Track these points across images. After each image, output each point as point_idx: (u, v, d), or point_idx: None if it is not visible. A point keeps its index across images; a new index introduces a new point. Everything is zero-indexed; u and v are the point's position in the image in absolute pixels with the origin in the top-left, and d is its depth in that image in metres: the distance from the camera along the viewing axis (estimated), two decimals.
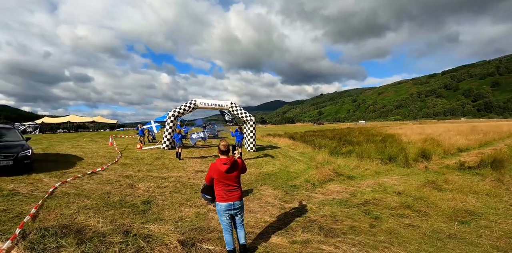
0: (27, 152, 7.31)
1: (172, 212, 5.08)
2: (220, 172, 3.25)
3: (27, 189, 5.88)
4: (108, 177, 7.46)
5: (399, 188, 7.94)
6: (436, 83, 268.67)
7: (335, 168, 10.92)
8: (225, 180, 3.30)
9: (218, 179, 3.30)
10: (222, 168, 3.23)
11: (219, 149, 3.36)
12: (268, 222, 4.89)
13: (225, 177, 3.28)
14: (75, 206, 4.97)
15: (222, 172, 3.24)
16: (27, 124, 38.86)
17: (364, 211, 5.83)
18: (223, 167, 3.23)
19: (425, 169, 11.60)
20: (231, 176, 3.32)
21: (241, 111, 15.22)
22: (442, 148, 16.33)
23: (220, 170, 3.24)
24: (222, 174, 3.26)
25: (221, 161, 3.28)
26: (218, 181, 3.31)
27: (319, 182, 8.65)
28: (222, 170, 3.23)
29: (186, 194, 6.31)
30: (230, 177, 3.31)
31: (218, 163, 3.28)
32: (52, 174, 7.40)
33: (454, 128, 36.03)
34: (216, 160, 3.34)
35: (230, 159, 3.31)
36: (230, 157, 3.37)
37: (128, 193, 6.07)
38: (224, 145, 3.34)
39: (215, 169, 3.28)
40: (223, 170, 3.23)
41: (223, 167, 3.23)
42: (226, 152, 3.36)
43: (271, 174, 9.42)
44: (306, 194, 7.19)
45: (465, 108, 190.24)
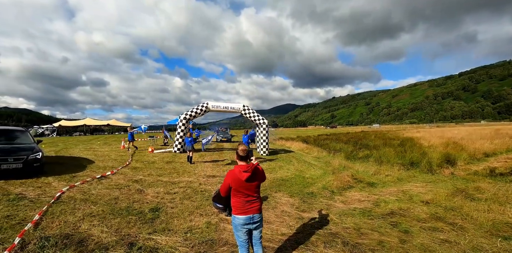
0: (37, 155, 7.19)
1: (181, 221, 4.72)
2: (239, 181, 2.85)
3: (34, 193, 5.69)
4: (117, 181, 7.23)
5: (427, 197, 7.31)
6: (453, 85, 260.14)
7: (353, 174, 10.35)
8: (244, 190, 2.89)
9: (236, 189, 2.89)
10: (242, 176, 2.82)
11: (237, 155, 2.96)
12: (286, 235, 4.45)
13: (244, 187, 2.88)
14: (80, 213, 4.69)
15: (242, 181, 2.84)
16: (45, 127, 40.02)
17: (391, 224, 5.28)
18: (243, 175, 2.83)
19: (452, 175, 10.82)
20: (252, 185, 2.92)
21: (254, 114, 14.85)
22: (467, 152, 15.35)
23: (240, 179, 2.83)
24: (242, 183, 2.85)
25: (241, 168, 2.87)
26: (237, 191, 2.91)
27: (338, 189, 8.12)
28: (242, 179, 2.83)
29: (197, 201, 5.94)
30: (250, 187, 2.91)
31: (237, 170, 2.87)
32: (61, 177, 7.24)
33: (475, 131, 34.32)
34: (235, 167, 2.93)
35: (251, 166, 2.91)
36: (250, 163, 2.97)
37: (137, 199, 5.77)
38: (242, 150, 2.95)
39: (233, 178, 2.87)
40: (243, 178, 2.82)
41: (243, 175, 2.83)
42: (245, 158, 2.96)
43: (286, 180, 8.96)
44: (324, 203, 6.69)
45: (485, 111, 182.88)
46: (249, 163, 2.97)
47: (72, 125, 43.09)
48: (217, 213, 5.27)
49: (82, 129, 44.20)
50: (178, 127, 13.58)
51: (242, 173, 2.83)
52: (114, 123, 44.04)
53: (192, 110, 13.77)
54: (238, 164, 2.98)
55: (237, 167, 2.90)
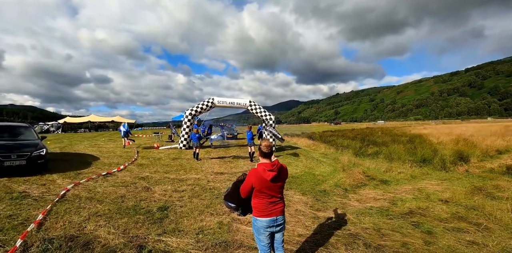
0: (41, 152, 6.98)
1: (191, 221, 4.47)
2: (263, 181, 2.55)
3: (38, 191, 5.47)
4: (123, 178, 6.99)
5: (444, 195, 7.00)
6: (459, 81, 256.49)
7: (364, 171, 10.05)
8: (268, 191, 2.60)
9: (259, 189, 2.59)
10: (267, 175, 2.53)
11: (260, 151, 2.66)
12: (303, 236, 4.18)
13: (269, 187, 2.58)
14: (85, 212, 4.46)
15: (266, 181, 2.54)
16: (50, 124, 40.14)
17: (412, 224, 4.99)
18: (268, 174, 2.53)
19: (466, 173, 10.47)
20: (276, 185, 2.63)
21: (260, 110, 14.55)
22: (479, 149, 14.92)
23: (264, 179, 2.54)
24: (266, 183, 2.56)
25: (265, 166, 2.57)
26: (260, 192, 2.61)
27: (351, 187, 7.82)
28: (266, 179, 2.53)
29: (206, 200, 5.69)
30: (274, 187, 2.62)
31: (260, 169, 2.57)
32: (66, 174, 7.03)
33: (484, 128, 33.66)
34: (258, 166, 2.63)
35: (276, 164, 2.61)
36: (275, 161, 2.68)
37: (144, 198, 5.52)
38: (266, 146, 2.65)
39: (257, 177, 2.56)
40: (268, 178, 2.53)
41: (269, 174, 2.53)
42: (270, 155, 2.67)
43: (296, 177, 8.68)
44: (339, 201, 6.40)
45: (491, 107, 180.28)
46: (272, 160, 2.67)
47: (77, 121, 43.20)
48: (228, 212, 5.01)
49: (86, 125, 44.29)
50: (184, 123, 13.33)
51: (267, 172, 2.54)
52: (118, 119, 44.06)
53: (198, 106, 13.49)
54: (259, 161, 2.69)
55: (260, 165, 2.61)
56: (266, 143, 2.68)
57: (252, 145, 10.97)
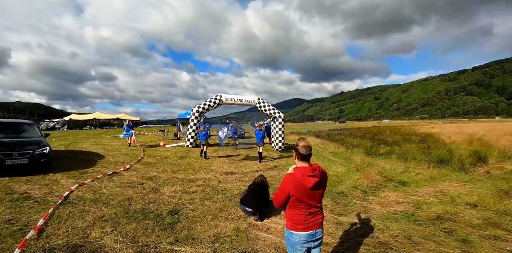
0: (44, 150, 6.64)
1: (205, 227, 4.08)
2: (303, 188, 2.13)
3: (40, 192, 5.12)
4: (130, 178, 6.63)
5: (471, 198, 6.54)
6: (466, 80, 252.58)
7: (380, 172, 9.60)
8: (308, 200, 2.17)
9: (298, 198, 2.16)
10: (308, 182, 2.10)
11: (297, 153, 2.23)
12: (330, 245, 3.77)
13: (309, 196, 2.16)
14: (90, 217, 4.09)
15: (307, 188, 2.12)
16: (56, 121, 40.17)
17: (444, 231, 4.55)
18: (308, 181, 2.11)
19: (487, 174, 9.95)
20: (317, 193, 2.21)
21: (269, 107, 14.11)
22: (496, 150, 14.32)
23: (305, 186, 2.12)
24: (306, 191, 2.13)
25: (304, 171, 2.14)
26: (298, 201, 2.18)
27: (369, 188, 7.39)
28: (307, 186, 2.11)
29: (219, 202, 5.30)
30: (314, 195, 2.20)
31: (299, 174, 2.14)
32: (70, 174, 6.68)
33: (496, 127, 32.81)
34: (295, 171, 2.20)
35: (317, 169, 2.20)
36: (315, 165, 2.26)
37: (152, 200, 5.15)
38: (305, 147, 2.22)
39: (296, 184, 2.13)
40: (308, 185, 2.11)
41: (309, 181, 2.11)
42: (309, 158, 2.24)
43: None
44: (360, 205, 5.98)
45: (499, 107, 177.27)
46: (311, 164, 2.25)
47: (82, 119, 43.23)
48: (244, 217, 4.61)
49: (92, 123, 44.31)
50: (191, 120, 12.95)
51: (307, 178, 2.11)
52: (123, 117, 43.98)
53: (205, 103, 13.10)
54: (297, 165, 2.26)
55: (298, 170, 2.18)
56: (304, 143, 2.25)
57: (262, 144, 10.51)
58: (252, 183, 4.83)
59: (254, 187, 4.65)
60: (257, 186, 4.67)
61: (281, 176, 8.24)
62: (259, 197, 4.55)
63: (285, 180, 2.20)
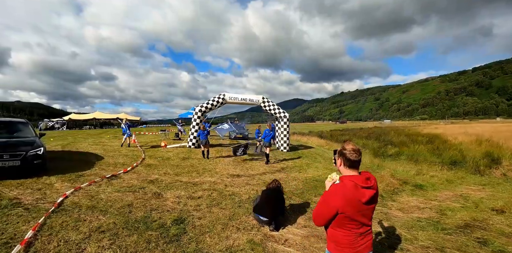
0: (38, 151, 6.15)
1: (215, 239, 3.62)
2: (357, 204, 1.66)
3: (31, 198, 4.65)
4: (130, 182, 6.16)
5: (495, 203, 6.12)
6: (466, 81, 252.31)
7: (393, 174, 9.14)
8: (360, 218, 1.72)
9: (350, 215, 1.70)
10: (362, 195, 1.65)
11: (343, 158, 1.78)
12: None
13: (362, 212, 1.71)
14: (85, 227, 3.62)
15: (361, 203, 1.67)
16: (55, 121, 39.66)
17: (477, 241, 4.11)
18: (363, 193, 1.65)
19: (504, 177, 9.54)
20: (370, 209, 1.75)
21: (274, 107, 13.66)
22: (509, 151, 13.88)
23: (359, 200, 1.66)
24: (360, 206, 1.68)
25: (356, 181, 1.69)
26: (350, 219, 1.71)
27: (386, 192, 6.94)
28: (362, 200, 1.65)
29: (228, 209, 4.83)
30: (368, 211, 1.75)
31: (350, 186, 1.68)
32: (66, 177, 6.19)
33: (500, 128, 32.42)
34: (345, 180, 1.73)
35: (371, 178, 1.76)
36: (367, 173, 1.81)
37: (155, 206, 4.68)
38: (355, 150, 1.76)
39: (348, 199, 1.67)
40: (363, 199, 1.65)
41: (364, 193, 1.65)
42: (359, 164, 1.79)
43: (320, 181, 7.79)
44: (379, 210, 5.52)
45: (499, 107, 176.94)
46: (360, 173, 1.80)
47: (82, 118, 42.75)
48: (257, 226, 4.15)
49: (91, 122, 43.83)
50: (193, 120, 12.49)
51: (361, 190, 1.65)
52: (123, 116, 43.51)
53: (208, 102, 12.64)
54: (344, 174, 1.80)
55: (348, 180, 1.71)
56: (352, 146, 1.79)
57: (269, 145, 10.01)
58: (266, 189, 4.36)
59: (268, 193, 4.19)
60: (272, 192, 4.21)
61: (290, 178, 7.78)
62: (275, 205, 4.09)
63: (331, 193, 1.73)
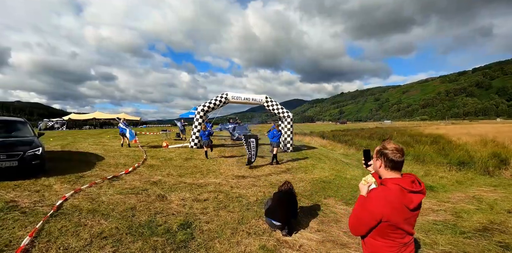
0: (36, 151, 5.89)
1: (225, 246, 3.38)
2: (404, 211, 1.44)
3: (29, 201, 4.40)
4: (132, 183, 5.91)
5: (510, 205, 5.90)
6: (466, 81, 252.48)
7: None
8: (405, 226, 1.48)
9: (395, 224, 1.46)
10: (410, 201, 1.43)
11: (386, 160, 1.56)
12: None
13: (407, 220, 1.48)
14: (86, 233, 3.38)
15: (408, 210, 1.44)
16: (55, 120, 39.37)
17: (500, 245, 3.91)
18: (410, 199, 1.44)
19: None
20: (415, 215, 1.53)
21: (277, 107, 13.43)
22: None
23: (406, 207, 1.43)
24: (407, 214, 1.46)
25: (403, 184, 1.47)
26: (395, 228, 1.47)
27: None
28: (409, 207, 1.43)
29: (236, 212, 4.59)
30: (413, 219, 1.52)
31: (396, 190, 1.46)
32: (65, 178, 5.92)
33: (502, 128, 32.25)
34: (390, 184, 1.51)
35: (416, 180, 1.55)
36: (408, 174, 1.59)
37: (159, 209, 4.44)
38: (398, 150, 1.55)
39: (395, 206, 1.44)
40: (411, 205, 1.43)
41: (412, 199, 1.44)
42: (401, 166, 1.57)
43: (327, 182, 7.55)
44: None
45: (499, 108, 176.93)
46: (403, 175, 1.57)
47: (82, 118, 42.46)
48: (269, 231, 3.91)
49: (91, 122, 43.57)
50: (195, 120, 12.24)
51: (408, 195, 1.43)
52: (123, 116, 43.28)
53: (211, 101, 12.40)
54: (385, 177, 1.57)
55: (393, 182, 1.48)
56: (394, 145, 1.57)
57: (277, 145, 9.69)
58: (277, 192, 4.12)
59: (281, 196, 3.95)
60: (284, 195, 3.97)
61: (296, 179, 7.54)
62: (288, 208, 3.86)
63: (373, 198, 1.50)
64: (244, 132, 16.29)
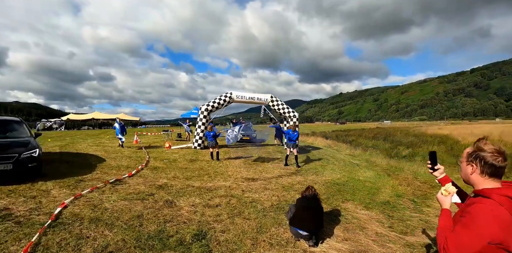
0: (33, 153, 5.46)
1: None
2: None
3: (24, 208, 3.98)
4: (136, 187, 5.48)
5: None
6: (464, 82, 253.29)
7: (415, 177, 8.55)
8: None
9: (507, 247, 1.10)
10: None
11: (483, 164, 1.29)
12: None
13: None
14: (89, 247, 2.97)
15: None
16: (53, 121, 38.84)
17: None
18: None
19: None
20: None
21: (283, 106, 13.04)
22: None
23: None
24: None
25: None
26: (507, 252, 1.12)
27: (418, 197, 6.33)
28: None
29: (253, 219, 4.19)
30: None
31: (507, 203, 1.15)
32: (64, 182, 5.48)
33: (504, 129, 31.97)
34: (495, 196, 1.19)
35: None
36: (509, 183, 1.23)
37: (168, 217, 4.03)
38: (499, 153, 1.24)
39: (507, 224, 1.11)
40: None
41: None
42: (503, 172, 1.22)
43: (341, 184, 7.17)
44: (417, 218, 4.93)
45: (498, 108, 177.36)
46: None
47: (80, 119, 41.98)
48: (293, 241, 3.52)
49: (90, 123, 43.07)
50: (199, 120, 11.83)
51: None
52: (122, 117, 42.85)
53: (215, 101, 11.99)
54: (480, 186, 1.23)
55: (499, 193, 1.19)
56: (493, 146, 1.24)
57: (295, 147, 9.23)
58: (301, 197, 3.73)
59: (307, 203, 3.56)
60: (310, 202, 3.58)
61: (308, 182, 7.15)
62: (315, 216, 3.46)
63: (479, 216, 1.13)
64: (248, 133, 15.81)
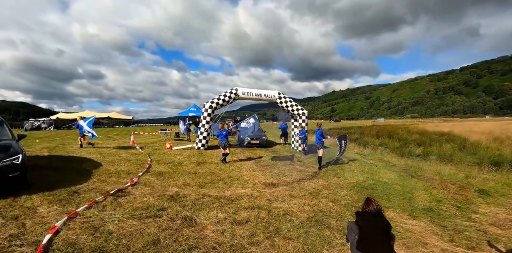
0: (15, 159, 4.43)
1: None
2: None
3: (3, 236, 3.04)
4: (144, 199, 4.54)
5: None
6: (454, 80, 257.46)
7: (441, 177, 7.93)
8: None
9: None
10: None
11: None
12: None
13: None
14: None
15: None
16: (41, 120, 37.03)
17: None
18: None
19: None
20: None
21: (291, 103, 12.24)
22: None
23: None
24: None
25: None
26: None
27: (459, 202, 5.67)
28: None
29: (295, 239, 3.37)
30: None
31: None
32: (54, 195, 4.44)
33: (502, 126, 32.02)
34: None
35: None
36: None
37: (193, 242, 3.15)
38: None
39: None
40: None
41: None
42: None
43: (370, 188, 6.42)
44: (471, 226, 4.24)
45: (486, 106, 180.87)
46: None
47: (70, 118, 40.22)
48: None
49: None
50: (203, 118, 10.90)
51: None
52: (114, 115, 41.31)
53: (219, 98, 11.07)
54: None
55: None
56: None
57: (322, 147, 8.48)
58: (363, 212, 2.89)
59: (374, 221, 2.74)
60: (376, 220, 2.77)
61: (334, 186, 6.38)
62: (387, 238, 2.66)
63: None
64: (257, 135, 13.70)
